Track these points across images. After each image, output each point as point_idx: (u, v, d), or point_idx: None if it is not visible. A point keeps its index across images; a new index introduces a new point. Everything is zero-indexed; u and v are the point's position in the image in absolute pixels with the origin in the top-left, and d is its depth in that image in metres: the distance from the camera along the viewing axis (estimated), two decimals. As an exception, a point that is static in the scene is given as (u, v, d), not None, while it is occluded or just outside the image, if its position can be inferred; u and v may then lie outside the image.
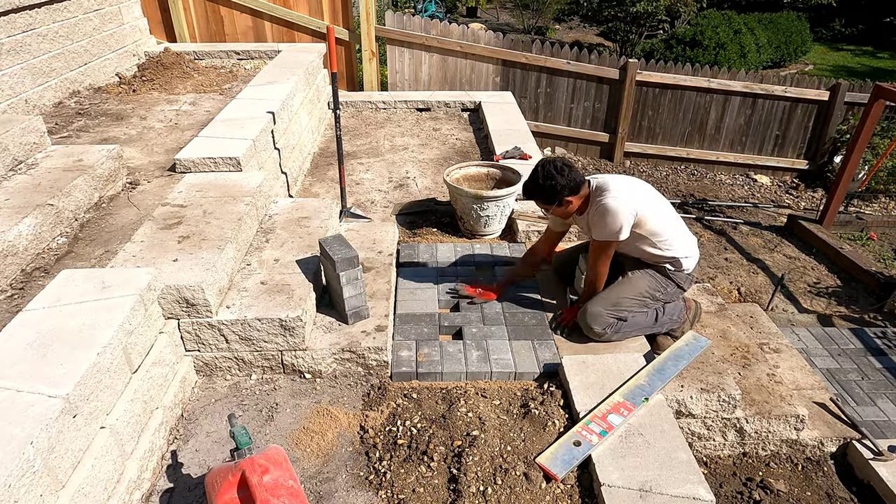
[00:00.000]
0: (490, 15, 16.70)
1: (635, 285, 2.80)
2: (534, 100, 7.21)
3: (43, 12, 4.20)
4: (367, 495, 2.10)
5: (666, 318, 2.87)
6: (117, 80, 5.03)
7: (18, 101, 3.97)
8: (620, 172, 7.31)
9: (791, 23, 12.52)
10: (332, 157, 4.98)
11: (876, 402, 3.36)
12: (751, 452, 2.74)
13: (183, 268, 2.42)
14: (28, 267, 2.61)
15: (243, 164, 3.32)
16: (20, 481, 1.50)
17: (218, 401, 2.47)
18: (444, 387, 2.61)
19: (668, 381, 2.56)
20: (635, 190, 2.71)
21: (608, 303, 2.76)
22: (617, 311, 2.76)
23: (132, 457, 2.03)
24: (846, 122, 7.12)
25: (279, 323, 2.46)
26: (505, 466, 2.19)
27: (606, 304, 2.75)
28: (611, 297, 2.77)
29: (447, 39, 6.72)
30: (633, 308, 2.79)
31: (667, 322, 2.88)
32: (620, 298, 2.77)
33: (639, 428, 2.33)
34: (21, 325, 1.98)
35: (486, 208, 3.65)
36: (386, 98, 6.15)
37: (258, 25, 6.37)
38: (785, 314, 4.51)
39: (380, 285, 3.01)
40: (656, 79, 7.00)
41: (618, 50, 12.28)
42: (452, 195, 3.79)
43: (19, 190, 2.84)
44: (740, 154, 7.45)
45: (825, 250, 5.40)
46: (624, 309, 2.77)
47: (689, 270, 2.82)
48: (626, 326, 2.80)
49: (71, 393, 1.73)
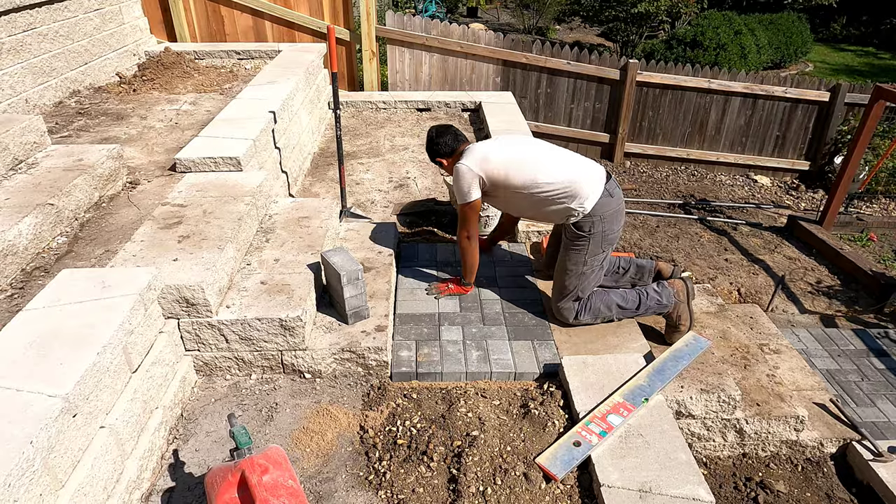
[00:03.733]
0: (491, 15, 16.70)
1: (563, 264, 2.87)
2: (534, 100, 7.21)
3: (43, 12, 4.20)
4: (366, 495, 2.10)
5: (651, 302, 2.86)
6: (118, 79, 5.03)
7: (19, 100, 3.97)
8: (621, 172, 7.31)
9: (791, 23, 12.52)
10: (332, 156, 4.98)
11: (876, 403, 3.36)
12: (751, 453, 2.74)
13: (183, 267, 2.42)
14: (28, 266, 2.61)
15: (243, 164, 3.32)
16: (20, 481, 1.50)
17: (218, 400, 2.47)
18: (443, 387, 2.61)
19: (668, 382, 2.56)
20: (501, 149, 2.82)
21: (557, 294, 2.91)
22: (567, 295, 2.87)
23: (132, 456, 2.03)
24: (846, 123, 7.12)
25: (279, 323, 2.46)
26: (504, 467, 2.19)
27: (556, 295, 2.92)
28: (556, 288, 2.92)
29: (448, 39, 6.71)
30: (579, 284, 2.84)
31: (653, 306, 2.87)
32: (562, 284, 2.87)
33: (639, 428, 2.33)
34: (21, 325, 1.98)
35: (486, 208, 3.65)
36: (386, 98, 6.15)
37: (259, 25, 6.37)
38: (785, 315, 4.51)
39: (380, 285, 3.01)
40: (657, 79, 7.00)
41: (618, 50, 12.28)
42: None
43: (19, 189, 2.84)
44: (740, 155, 7.45)
45: (825, 251, 5.40)
46: (570, 290, 2.86)
47: (586, 211, 2.69)
48: (596, 302, 2.88)
49: (70, 392, 1.72)
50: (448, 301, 3.11)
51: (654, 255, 5.28)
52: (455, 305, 3.08)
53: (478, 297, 3.15)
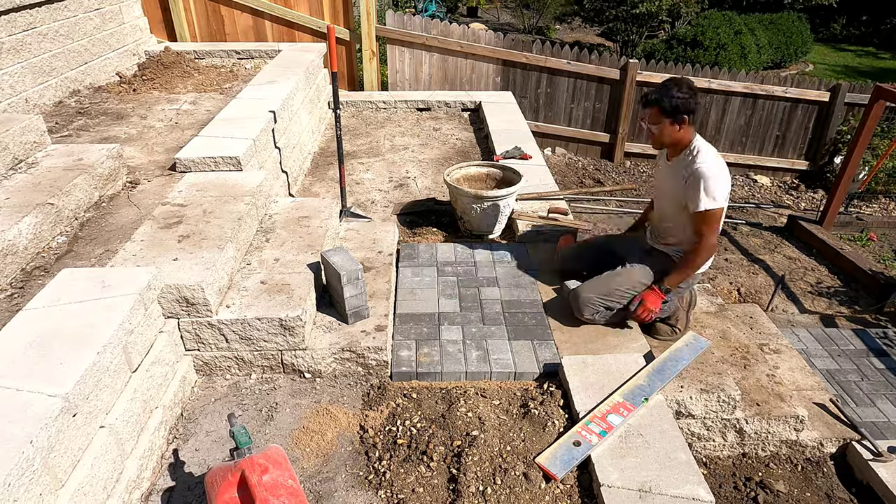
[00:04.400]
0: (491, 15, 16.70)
1: (631, 276, 2.83)
2: (534, 100, 7.20)
3: (43, 11, 4.20)
4: (366, 495, 2.10)
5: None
6: (118, 79, 5.03)
7: (19, 100, 3.97)
8: (621, 172, 7.31)
9: (791, 23, 12.52)
10: (332, 156, 4.97)
11: (876, 402, 3.35)
12: (750, 453, 2.74)
13: (183, 267, 2.42)
14: (28, 266, 2.61)
15: (243, 164, 3.32)
16: (20, 480, 1.50)
17: (217, 400, 2.47)
18: (443, 387, 2.61)
19: (667, 382, 2.56)
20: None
21: (600, 291, 2.82)
22: (607, 300, 2.82)
23: (132, 456, 2.03)
24: (846, 123, 7.12)
25: (279, 322, 2.46)
26: (504, 466, 2.19)
27: (599, 291, 2.82)
28: (605, 286, 2.83)
29: (448, 39, 6.71)
30: (624, 300, 2.82)
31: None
32: (613, 289, 2.82)
33: (638, 428, 2.33)
34: (21, 324, 1.98)
35: (486, 208, 3.65)
36: (386, 98, 6.15)
37: (259, 25, 6.37)
38: (785, 315, 4.51)
39: (380, 285, 3.01)
40: (657, 79, 6.99)
41: (618, 50, 12.28)
42: (452, 195, 3.79)
43: (19, 189, 2.84)
44: (740, 154, 7.45)
45: (825, 251, 5.40)
46: (614, 299, 2.82)
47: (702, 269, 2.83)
48: (613, 316, 2.87)
49: (70, 392, 1.72)
50: (448, 301, 3.11)
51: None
52: (455, 305, 3.08)
53: (478, 297, 3.15)
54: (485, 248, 3.62)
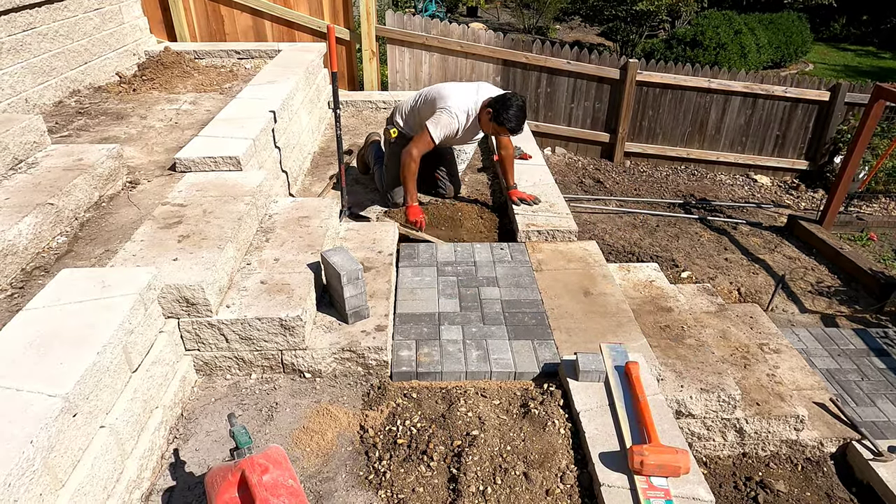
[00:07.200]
0: (491, 14, 16.70)
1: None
2: (534, 99, 7.20)
3: (43, 11, 4.20)
4: (366, 495, 2.10)
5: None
6: (117, 79, 5.03)
7: (19, 100, 3.97)
8: (621, 172, 7.32)
9: (791, 23, 12.52)
10: (332, 156, 4.97)
11: (876, 402, 3.36)
12: (750, 453, 2.74)
13: (183, 267, 2.42)
14: (28, 266, 2.61)
15: (243, 164, 3.32)
16: (20, 480, 1.50)
17: (218, 400, 2.47)
18: (443, 386, 2.61)
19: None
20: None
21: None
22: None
23: (132, 456, 2.03)
24: (846, 123, 7.12)
25: (279, 322, 2.46)
26: (504, 466, 2.19)
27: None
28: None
29: (447, 39, 6.71)
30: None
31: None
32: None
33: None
34: (21, 325, 1.98)
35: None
36: (386, 97, 6.15)
37: (258, 25, 6.36)
38: (785, 314, 4.51)
39: (380, 285, 3.01)
40: (657, 79, 7.00)
41: (618, 50, 12.28)
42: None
43: (19, 189, 2.84)
44: (740, 154, 7.45)
45: (825, 251, 5.40)
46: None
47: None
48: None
49: (71, 392, 1.72)
50: (448, 301, 3.11)
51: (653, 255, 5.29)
52: (455, 305, 3.09)
53: (478, 297, 3.15)
54: (485, 249, 3.62)
